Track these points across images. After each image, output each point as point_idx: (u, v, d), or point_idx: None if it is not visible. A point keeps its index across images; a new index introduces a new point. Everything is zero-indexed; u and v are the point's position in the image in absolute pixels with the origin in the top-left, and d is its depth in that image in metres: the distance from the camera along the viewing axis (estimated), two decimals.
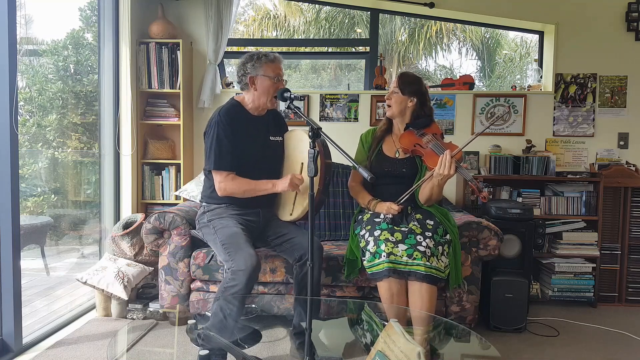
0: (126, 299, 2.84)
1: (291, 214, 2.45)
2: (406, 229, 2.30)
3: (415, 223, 2.33)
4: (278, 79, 2.38)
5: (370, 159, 2.51)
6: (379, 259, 2.21)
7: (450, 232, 2.39)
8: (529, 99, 3.64)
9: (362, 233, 2.39)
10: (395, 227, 2.30)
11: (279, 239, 2.45)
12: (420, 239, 2.26)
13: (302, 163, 2.38)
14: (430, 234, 2.29)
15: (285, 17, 11.32)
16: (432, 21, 10.01)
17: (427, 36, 11.21)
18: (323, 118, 3.73)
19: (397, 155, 2.50)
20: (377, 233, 2.29)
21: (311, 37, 10.97)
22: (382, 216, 2.38)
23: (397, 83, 2.48)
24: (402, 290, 2.23)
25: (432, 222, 2.36)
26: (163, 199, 3.60)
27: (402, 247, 2.22)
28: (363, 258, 2.33)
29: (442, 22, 10.40)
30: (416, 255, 2.19)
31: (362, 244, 2.36)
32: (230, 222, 2.35)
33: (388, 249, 2.20)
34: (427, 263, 2.18)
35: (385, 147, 2.55)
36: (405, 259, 2.19)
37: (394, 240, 2.24)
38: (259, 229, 2.48)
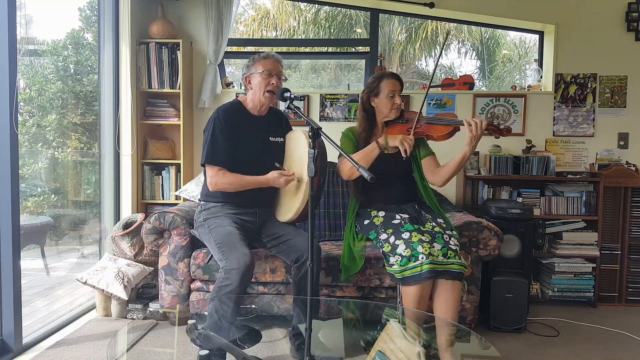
0: (126, 299, 2.84)
1: (287, 215, 2.45)
2: (431, 229, 2.29)
3: (433, 223, 2.34)
4: (268, 74, 2.37)
5: None
6: (415, 261, 2.15)
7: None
8: (529, 99, 3.64)
9: (383, 237, 2.30)
10: (421, 228, 2.27)
11: (276, 240, 2.45)
12: (447, 237, 2.26)
13: (298, 158, 2.38)
14: (450, 232, 2.31)
15: (278, 19, 11.31)
16: (429, 21, 10.01)
17: (425, 35, 11.20)
18: (323, 118, 3.73)
19: (386, 151, 2.49)
20: (406, 235, 2.22)
21: (311, 37, 10.97)
22: (398, 217, 2.34)
23: (400, 86, 2.50)
24: (429, 293, 2.22)
25: (442, 220, 2.38)
26: (163, 199, 3.60)
27: (437, 246, 2.19)
28: (390, 263, 2.24)
29: (438, 23, 10.40)
30: (450, 254, 2.19)
31: (385, 249, 2.26)
32: (225, 222, 2.35)
33: (426, 250, 2.15)
34: (459, 260, 2.20)
35: None
36: (441, 258, 2.17)
37: (427, 240, 2.20)
38: (256, 229, 2.48)
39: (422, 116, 2.45)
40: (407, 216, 2.35)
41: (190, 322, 1.91)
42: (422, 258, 2.14)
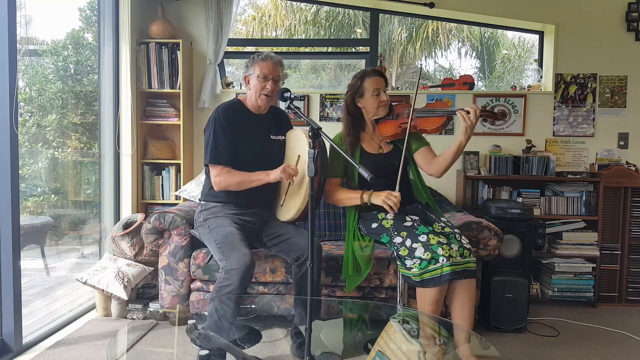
0: (126, 299, 2.84)
1: (288, 215, 2.45)
2: (442, 229, 2.28)
3: (441, 223, 2.33)
4: (264, 78, 2.37)
5: (358, 162, 2.38)
6: (435, 264, 2.14)
7: None
8: (529, 99, 3.64)
9: (398, 240, 2.26)
10: (435, 229, 2.26)
11: (276, 239, 2.45)
12: (458, 236, 2.26)
13: (299, 155, 2.37)
14: (458, 230, 2.31)
15: (275, 17, 11.30)
16: (430, 21, 10.01)
17: (425, 35, 11.19)
18: (323, 118, 3.73)
19: (380, 151, 2.48)
20: (423, 238, 2.19)
21: (311, 37, 10.97)
22: (408, 219, 2.31)
23: (385, 81, 2.45)
24: (444, 294, 2.22)
25: (444, 219, 2.38)
26: (163, 199, 3.60)
27: (454, 247, 2.19)
28: (407, 267, 2.21)
29: (439, 23, 10.40)
30: (465, 253, 2.19)
31: (402, 252, 2.23)
32: (225, 222, 2.35)
33: (446, 253, 2.14)
34: (473, 258, 2.21)
35: (366, 146, 2.49)
36: (459, 258, 2.17)
37: (445, 242, 2.18)
38: (256, 229, 2.48)
39: (414, 109, 2.37)
40: (417, 217, 2.33)
41: (190, 322, 1.91)
42: (443, 260, 2.13)
